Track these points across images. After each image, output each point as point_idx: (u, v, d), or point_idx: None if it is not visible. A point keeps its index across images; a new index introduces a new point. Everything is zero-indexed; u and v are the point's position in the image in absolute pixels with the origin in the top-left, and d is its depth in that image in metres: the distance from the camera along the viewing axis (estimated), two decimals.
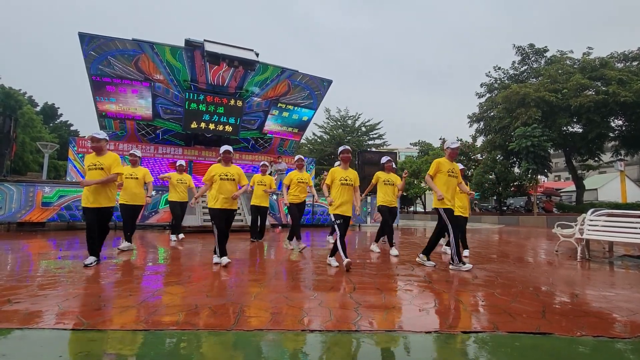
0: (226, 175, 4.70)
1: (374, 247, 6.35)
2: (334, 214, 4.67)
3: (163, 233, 9.52)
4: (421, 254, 4.99)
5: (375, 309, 2.76)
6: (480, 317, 2.66)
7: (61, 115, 39.72)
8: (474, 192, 5.37)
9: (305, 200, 6.58)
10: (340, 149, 4.92)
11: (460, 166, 6.14)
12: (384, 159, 6.37)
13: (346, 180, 4.68)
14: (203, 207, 10.55)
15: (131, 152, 6.46)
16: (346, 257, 4.39)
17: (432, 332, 2.29)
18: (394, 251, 5.83)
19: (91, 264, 4.32)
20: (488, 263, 5.23)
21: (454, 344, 2.17)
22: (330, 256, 4.77)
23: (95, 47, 11.70)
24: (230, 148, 4.87)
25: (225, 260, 4.55)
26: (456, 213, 5.14)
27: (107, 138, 4.72)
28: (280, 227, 11.82)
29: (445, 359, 1.98)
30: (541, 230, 14.34)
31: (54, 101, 52.44)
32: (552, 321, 2.53)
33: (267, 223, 9.70)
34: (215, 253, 4.78)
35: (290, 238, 6.52)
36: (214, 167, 4.83)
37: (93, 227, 4.48)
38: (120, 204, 5.90)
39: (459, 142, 5.46)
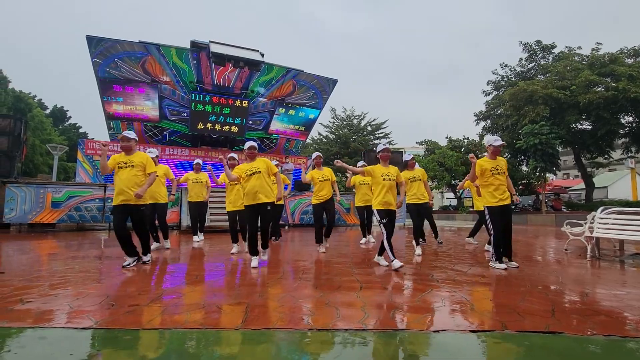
0: (251, 171, 4.54)
1: (418, 250, 5.87)
2: (377, 210, 4.51)
3: (171, 233, 9.59)
4: (492, 260, 4.65)
5: (384, 308, 2.75)
6: (488, 316, 2.64)
7: (70, 117, 40.26)
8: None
9: (332, 197, 6.18)
10: (380, 147, 4.78)
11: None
12: (406, 157, 6.42)
13: (388, 176, 4.56)
14: (210, 207, 10.61)
15: (147, 150, 6.42)
16: (394, 257, 4.32)
17: (439, 331, 2.28)
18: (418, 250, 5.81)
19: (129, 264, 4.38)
20: None
21: (462, 344, 2.15)
22: (379, 255, 4.68)
23: (102, 50, 11.83)
24: (254, 143, 4.76)
25: (254, 262, 4.47)
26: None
27: (137, 139, 4.72)
28: (287, 227, 11.85)
29: (455, 358, 1.96)
30: (550, 228, 14.18)
31: (63, 104, 53.11)
32: (562, 320, 2.50)
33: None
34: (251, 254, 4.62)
35: (326, 236, 6.16)
36: (240, 167, 4.71)
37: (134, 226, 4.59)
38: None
39: (499, 140, 5.14)
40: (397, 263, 4.27)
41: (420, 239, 6.40)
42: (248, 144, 4.72)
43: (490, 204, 4.61)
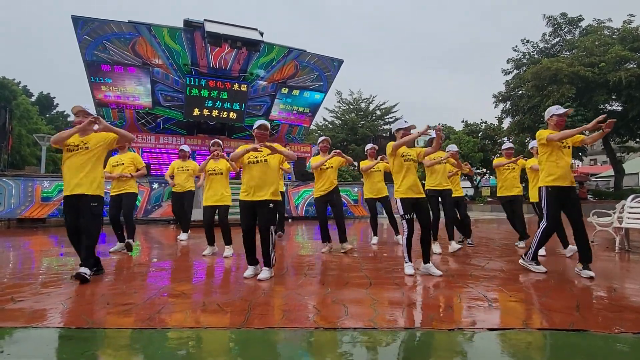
0: (256, 158, 3.84)
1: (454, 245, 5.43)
2: (400, 199, 3.95)
3: (167, 228, 9.69)
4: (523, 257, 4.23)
5: (394, 305, 2.77)
6: (507, 314, 2.65)
7: (57, 105, 40.48)
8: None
9: (336, 188, 5.57)
10: (401, 124, 4.05)
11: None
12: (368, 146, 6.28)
13: (409, 156, 4.03)
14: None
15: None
16: (409, 261, 3.93)
17: (455, 329, 2.29)
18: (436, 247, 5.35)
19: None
20: (516, 255, 5.18)
21: (478, 342, 2.16)
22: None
23: (89, 31, 11.81)
24: (265, 122, 4.04)
25: (249, 272, 3.80)
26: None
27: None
28: (290, 219, 11.91)
29: (470, 358, 1.98)
30: None
31: (49, 90, 53.33)
32: (587, 317, 2.50)
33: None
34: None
35: (341, 240, 5.56)
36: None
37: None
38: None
39: (561, 108, 4.58)
40: (409, 269, 3.89)
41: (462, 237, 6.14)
42: (258, 122, 4.03)
43: (548, 184, 3.95)
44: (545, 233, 3.97)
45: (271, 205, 3.74)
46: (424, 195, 4.08)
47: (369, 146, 6.45)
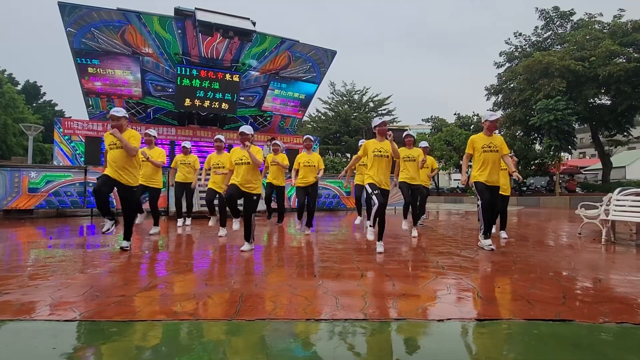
0: (240, 160, 4.72)
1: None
2: (368, 184, 4.60)
3: (160, 219, 9.62)
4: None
5: (386, 297, 2.80)
6: (496, 304, 2.69)
7: (44, 94, 39.70)
8: (518, 174, 5.46)
9: (316, 182, 6.37)
10: (378, 121, 4.77)
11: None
12: (404, 135, 6.33)
13: (380, 151, 4.64)
14: (200, 192, 10.62)
15: (145, 131, 6.61)
16: (372, 226, 4.53)
17: (444, 320, 2.32)
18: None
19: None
20: (506, 247, 5.25)
21: (468, 333, 2.20)
22: (378, 241, 4.72)
23: (77, 19, 11.53)
24: (247, 130, 4.79)
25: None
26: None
27: (127, 116, 4.74)
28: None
29: (459, 348, 2.01)
30: (564, 211, 14.32)
31: (36, 79, 52.23)
32: (573, 308, 2.55)
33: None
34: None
35: (308, 224, 6.44)
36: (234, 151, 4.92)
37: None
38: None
39: (496, 114, 5.41)
40: (371, 235, 4.52)
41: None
42: (241, 129, 4.83)
43: (476, 179, 4.94)
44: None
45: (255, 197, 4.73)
46: (388, 189, 4.75)
47: (361, 142, 6.72)
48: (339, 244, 5.46)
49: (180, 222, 7.54)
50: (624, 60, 18.65)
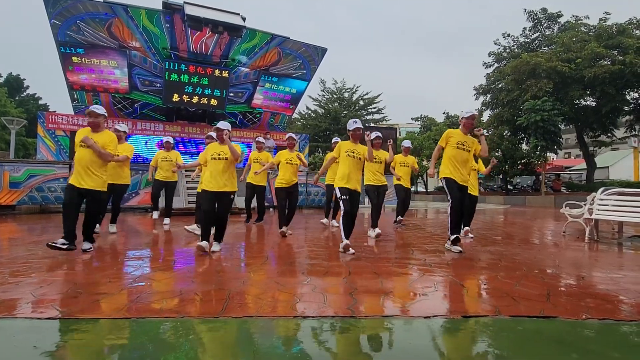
0: (218, 155, 4.47)
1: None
2: (338, 188, 4.65)
3: (145, 216, 9.50)
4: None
5: (373, 294, 2.81)
6: (482, 301, 2.73)
7: (28, 87, 38.69)
8: (482, 168, 5.58)
9: (296, 184, 6.22)
10: (353, 126, 4.72)
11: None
12: (373, 135, 6.33)
13: (353, 152, 4.68)
14: (188, 189, 10.51)
15: (117, 124, 6.43)
16: (346, 239, 4.49)
17: (431, 317, 2.34)
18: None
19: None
20: (492, 245, 5.32)
21: (454, 329, 2.22)
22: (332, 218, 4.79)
23: (61, 10, 11.27)
24: (223, 126, 4.53)
25: (203, 244, 4.27)
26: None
27: (106, 114, 4.60)
28: (272, 209, 11.86)
29: (445, 345, 2.03)
30: (549, 210, 14.58)
31: (19, 72, 50.98)
32: (556, 304, 2.59)
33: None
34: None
35: (286, 224, 6.11)
36: (209, 146, 4.73)
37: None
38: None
39: (471, 111, 5.43)
40: (346, 243, 4.46)
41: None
42: (219, 124, 4.59)
43: (447, 176, 4.85)
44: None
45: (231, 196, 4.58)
46: (359, 191, 4.76)
47: (334, 139, 6.96)
48: (327, 242, 5.47)
49: (156, 214, 7.47)
50: (609, 63, 19.03)
